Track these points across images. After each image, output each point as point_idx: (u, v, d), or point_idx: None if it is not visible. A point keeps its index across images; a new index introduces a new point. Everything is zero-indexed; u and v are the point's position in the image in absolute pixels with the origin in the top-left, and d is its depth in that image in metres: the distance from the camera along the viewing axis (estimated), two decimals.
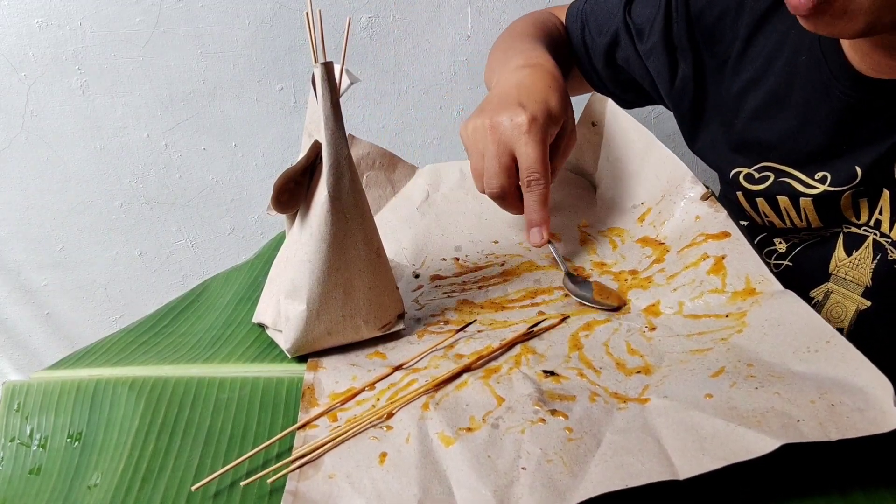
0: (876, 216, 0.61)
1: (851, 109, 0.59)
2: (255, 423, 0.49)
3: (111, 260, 1.32)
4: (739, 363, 0.46)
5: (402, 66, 1.21)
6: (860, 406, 0.40)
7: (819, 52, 0.60)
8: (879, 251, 0.61)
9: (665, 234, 0.62)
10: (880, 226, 0.61)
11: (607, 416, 0.44)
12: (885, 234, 0.61)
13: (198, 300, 0.66)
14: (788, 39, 0.63)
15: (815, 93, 0.61)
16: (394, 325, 0.56)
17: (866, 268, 0.63)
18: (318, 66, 0.49)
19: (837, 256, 0.64)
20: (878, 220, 0.61)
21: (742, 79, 0.66)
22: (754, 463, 0.38)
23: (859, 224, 0.62)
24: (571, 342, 0.53)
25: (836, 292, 0.65)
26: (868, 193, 0.61)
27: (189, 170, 1.25)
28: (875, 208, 0.61)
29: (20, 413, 0.52)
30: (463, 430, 0.44)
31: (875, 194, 0.61)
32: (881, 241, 0.61)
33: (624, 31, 0.73)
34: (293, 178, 0.53)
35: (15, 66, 1.12)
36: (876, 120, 0.58)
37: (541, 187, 0.59)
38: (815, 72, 0.60)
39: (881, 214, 0.60)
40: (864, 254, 0.63)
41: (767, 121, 0.65)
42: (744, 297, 0.53)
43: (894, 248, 0.60)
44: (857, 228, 0.63)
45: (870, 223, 0.62)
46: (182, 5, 1.11)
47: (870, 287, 0.63)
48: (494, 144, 0.59)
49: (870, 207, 0.61)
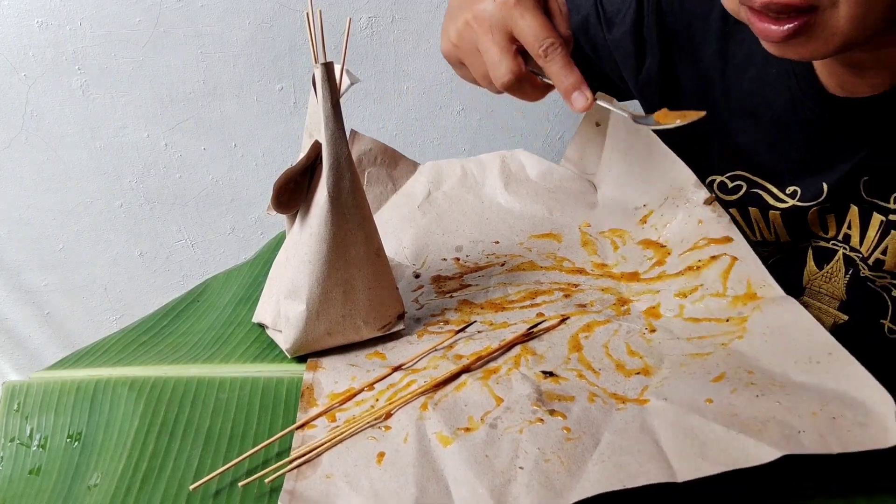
0: (844, 230, 0.60)
1: (819, 126, 0.58)
2: (255, 423, 0.49)
3: (111, 260, 1.32)
4: (740, 369, 0.46)
5: (402, 66, 1.21)
6: (861, 420, 0.40)
7: (789, 67, 0.59)
8: (851, 266, 0.61)
9: (667, 237, 0.62)
10: (849, 240, 0.60)
11: (606, 417, 0.44)
12: (854, 248, 0.60)
13: (198, 300, 0.66)
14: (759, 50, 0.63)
15: (785, 107, 0.60)
16: (394, 325, 0.56)
17: (839, 281, 0.62)
18: (318, 66, 0.49)
19: (809, 270, 0.64)
20: (847, 234, 0.60)
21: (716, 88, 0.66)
22: (754, 466, 0.38)
23: (827, 238, 0.62)
24: (571, 343, 0.53)
25: (812, 306, 0.65)
26: (834, 209, 0.60)
27: (189, 170, 1.25)
28: (843, 223, 0.61)
29: (20, 413, 0.53)
30: (461, 430, 0.44)
31: (842, 210, 0.60)
32: (851, 255, 0.61)
33: (594, 17, 0.70)
34: (293, 178, 0.53)
35: (15, 66, 1.12)
36: (843, 138, 0.58)
37: (558, 50, 0.52)
38: (784, 86, 0.60)
39: (850, 229, 0.60)
40: (835, 267, 0.62)
41: (741, 131, 0.64)
42: (745, 301, 0.53)
43: (865, 264, 0.59)
44: (825, 242, 0.63)
45: (838, 237, 0.61)
46: (182, 5, 1.11)
47: (845, 301, 0.62)
48: (488, 33, 0.53)
49: (837, 222, 0.61)
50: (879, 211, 0.58)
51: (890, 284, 0.59)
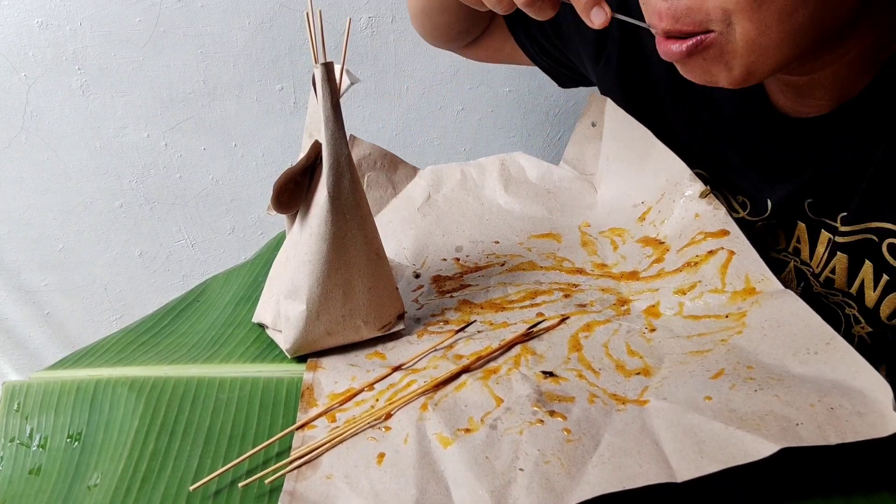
0: (794, 244, 0.61)
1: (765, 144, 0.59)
2: (255, 424, 0.49)
3: (111, 260, 1.32)
4: (739, 365, 0.46)
5: (402, 66, 1.21)
6: (860, 410, 0.40)
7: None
8: (802, 279, 0.61)
9: (665, 233, 0.62)
10: (799, 253, 0.61)
11: (606, 418, 0.44)
12: (805, 262, 0.60)
13: (198, 300, 0.66)
14: None
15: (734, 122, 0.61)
16: (394, 325, 0.56)
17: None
18: (318, 66, 0.49)
19: None
20: (797, 247, 0.60)
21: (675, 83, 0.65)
22: (754, 465, 0.38)
23: (778, 250, 0.62)
24: (571, 343, 0.53)
25: None
26: (782, 225, 0.61)
27: (189, 170, 1.25)
28: (791, 237, 0.61)
29: (20, 413, 0.52)
30: (461, 431, 0.44)
31: (790, 226, 0.60)
32: (802, 268, 0.61)
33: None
34: (293, 178, 0.53)
35: (15, 66, 1.12)
36: (787, 157, 0.58)
37: None
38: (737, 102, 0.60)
39: (799, 243, 0.60)
40: (787, 277, 0.62)
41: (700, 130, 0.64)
42: (744, 296, 0.53)
43: (817, 280, 0.59)
44: (776, 254, 0.63)
45: (788, 249, 0.61)
46: (182, 5, 1.11)
47: None
48: None
49: (786, 237, 0.61)
50: (827, 229, 0.58)
51: (842, 302, 0.59)
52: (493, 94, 1.26)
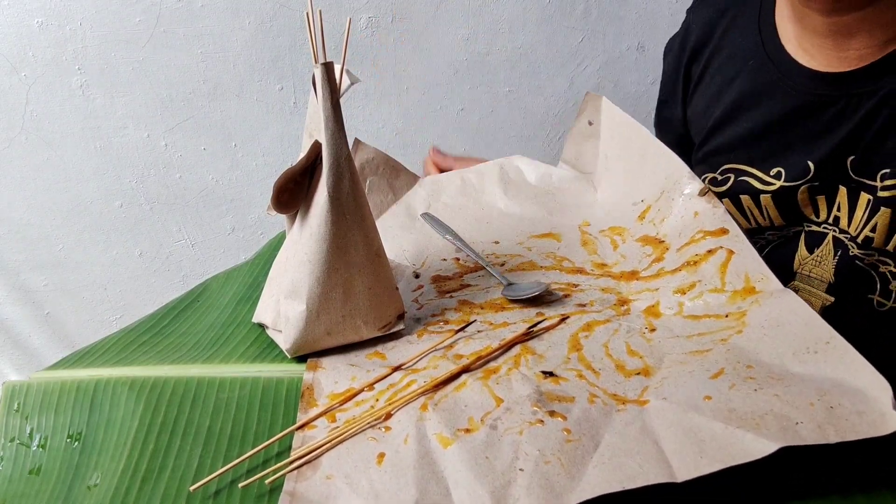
0: (834, 213, 0.62)
1: (801, 104, 0.60)
2: (255, 424, 0.49)
3: (111, 260, 1.32)
4: (739, 364, 0.46)
5: (402, 66, 1.21)
6: (859, 408, 0.40)
7: (764, 54, 0.62)
8: (840, 247, 0.63)
9: (665, 232, 0.62)
10: (839, 222, 0.62)
11: (606, 418, 0.44)
12: (843, 230, 0.62)
13: (198, 300, 0.66)
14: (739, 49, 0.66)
15: (766, 93, 0.63)
16: (394, 325, 0.56)
17: (828, 264, 0.64)
18: (318, 66, 0.49)
19: (800, 254, 0.66)
20: (837, 216, 0.62)
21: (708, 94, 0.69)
22: (753, 464, 0.38)
23: (819, 222, 0.64)
24: (571, 343, 0.53)
25: (802, 290, 0.67)
26: (825, 190, 0.62)
27: (189, 170, 1.25)
28: (833, 205, 0.62)
29: (20, 413, 0.52)
30: (461, 431, 0.44)
31: (832, 191, 0.62)
32: (840, 237, 0.62)
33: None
34: (293, 178, 0.53)
35: (15, 66, 1.13)
36: (825, 113, 0.59)
37: None
38: (763, 72, 0.62)
39: (839, 211, 0.62)
40: (825, 250, 0.64)
41: (728, 128, 0.67)
42: (743, 296, 0.53)
43: (854, 243, 0.61)
44: (816, 226, 0.64)
45: (829, 220, 0.63)
46: (182, 5, 1.11)
47: (832, 283, 0.64)
48: None
49: (828, 205, 0.63)
50: (867, 190, 0.59)
51: (878, 261, 0.61)
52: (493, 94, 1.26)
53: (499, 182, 0.76)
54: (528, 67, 1.25)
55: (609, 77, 1.28)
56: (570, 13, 1.21)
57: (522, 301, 0.58)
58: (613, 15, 1.22)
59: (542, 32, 1.22)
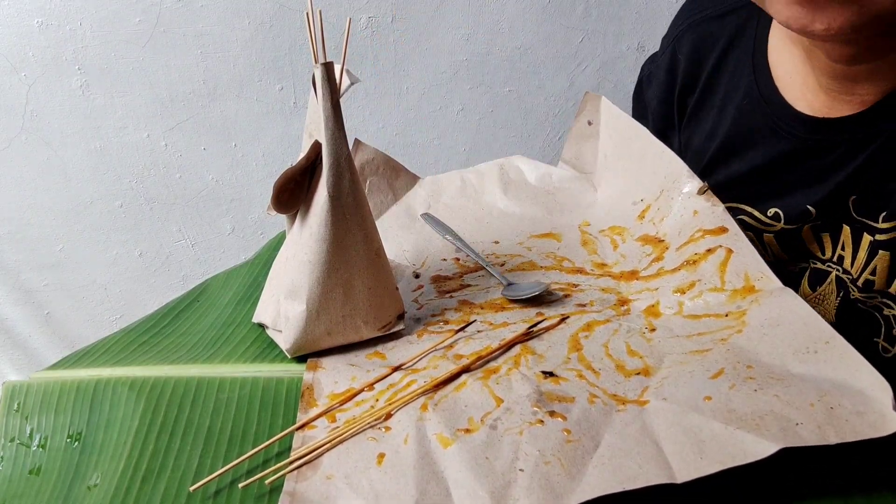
0: (839, 252, 0.61)
1: (798, 148, 0.59)
2: (255, 424, 0.49)
3: (111, 260, 1.32)
4: (739, 364, 0.46)
5: (402, 66, 1.21)
6: (859, 409, 0.40)
7: (758, 95, 0.61)
8: (842, 288, 0.61)
9: (665, 231, 0.62)
10: (843, 262, 0.61)
11: (606, 418, 0.44)
12: (846, 270, 0.60)
13: (198, 300, 0.66)
14: (732, 86, 0.64)
15: (760, 134, 0.61)
16: (394, 325, 0.56)
17: (830, 304, 0.63)
18: (318, 66, 0.49)
19: (803, 291, 0.64)
20: (841, 255, 0.61)
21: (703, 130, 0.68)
22: (753, 465, 0.38)
23: (824, 260, 0.62)
24: (571, 343, 0.53)
25: None
26: (828, 228, 0.61)
27: (189, 170, 1.25)
28: (837, 244, 0.61)
29: (20, 413, 0.52)
30: (461, 432, 0.44)
31: (836, 229, 0.60)
32: (843, 277, 0.61)
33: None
34: (293, 178, 0.53)
35: (15, 66, 1.13)
36: (825, 157, 0.58)
37: None
38: (758, 114, 0.61)
39: (843, 250, 0.60)
40: (827, 289, 0.63)
41: (724, 167, 0.66)
42: (743, 295, 0.53)
43: (854, 285, 0.60)
44: (821, 264, 0.63)
45: (833, 259, 0.61)
46: (182, 5, 1.11)
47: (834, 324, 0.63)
48: None
49: (832, 243, 0.61)
50: (869, 231, 0.58)
51: (881, 304, 0.59)
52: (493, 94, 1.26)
53: (499, 182, 0.76)
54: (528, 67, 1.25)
55: (609, 77, 1.28)
56: (570, 13, 1.21)
57: (522, 301, 0.58)
58: (613, 15, 1.22)
59: (542, 32, 1.22)
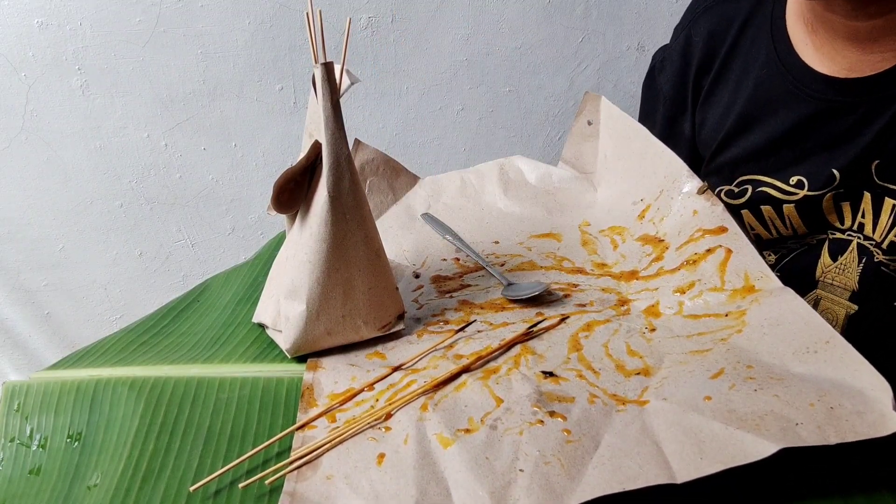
0: (859, 220, 0.61)
1: (819, 111, 0.59)
2: (255, 424, 0.49)
3: (111, 260, 1.32)
4: (739, 364, 0.46)
5: (402, 66, 1.21)
6: (859, 409, 0.40)
7: (777, 63, 0.61)
8: (865, 254, 0.62)
9: (665, 231, 0.62)
10: (863, 229, 0.61)
11: (606, 418, 0.44)
12: (868, 236, 0.61)
13: (198, 300, 0.66)
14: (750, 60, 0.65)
15: (781, 102, 0.62)
16: (393, 325, 0.56)
17: (853, 272, 0.63)
18: (318, 66, 0.49)
19: (823, 262, 0.65)
20: (862, 223, 0.61)
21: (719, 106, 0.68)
22: (753, 465, 0.38)
23: (843, 229, 0.63)
24: (571, 343, 0.53)
25: (825, 298, 0.66)
26: (850, 197, 0.61)
27: (189, 170, 1.25)
28: (857, 212, 0.61)
29: (20, 413, 0.52)
30: (461, 432, 0.44)
31: (856, 197, 0.61)
32: (865, 244, 0.61)
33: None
34: (293, 178, 0.53)
35: (15, 66, 1.13)
36: (847, 119, 0.58)
37: None
38: (777, 82, 0.61)
39: (864, 217, 0.61)
40: (849, 258, 0.63)
41: (742, 139, 0.66)
42: (743, 294, 0.53)
43: (879, 249, 0.60)
44: (840, 234, 0.63)
45: (853, 227, 0.62)
46: (182, 5, 1.11)
47: (857, 291, 0.63)
48: None
49: (852, 211, 0.62)
50: (891, 195, 0.58)
51: None
52: (493, 94, 1.26)
53: (499, 182, 0.76)
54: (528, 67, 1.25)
55: (609, 77, 1.28)
56: (570, 13, 1.21)
57: (522, 301, 0.58)
58: (613, 15, 1.22)
59: (542, 32, 1.22)
